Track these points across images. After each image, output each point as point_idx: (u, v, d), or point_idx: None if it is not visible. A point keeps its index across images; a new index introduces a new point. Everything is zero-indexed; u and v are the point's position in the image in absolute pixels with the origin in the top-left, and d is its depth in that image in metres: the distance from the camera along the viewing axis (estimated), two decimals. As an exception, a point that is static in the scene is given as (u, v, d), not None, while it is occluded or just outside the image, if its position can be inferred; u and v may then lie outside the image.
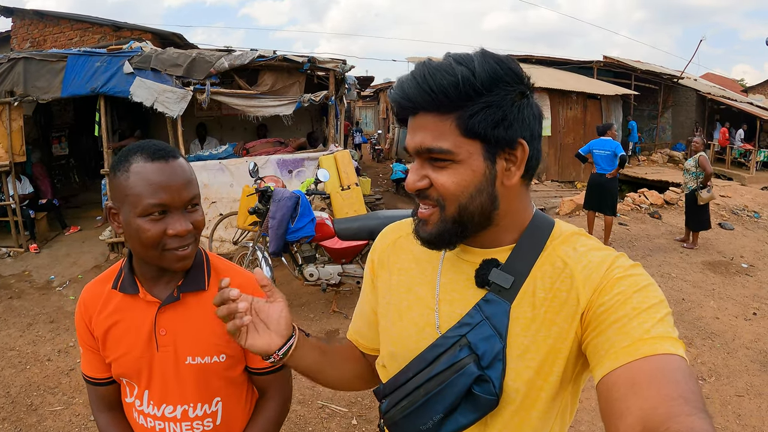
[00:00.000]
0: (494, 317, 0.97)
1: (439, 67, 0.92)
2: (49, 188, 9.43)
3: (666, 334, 0.83)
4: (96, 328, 1.39)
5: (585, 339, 0.92)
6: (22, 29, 11.79)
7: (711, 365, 4.60)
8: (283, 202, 5.09)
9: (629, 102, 17.72)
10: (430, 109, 0.93)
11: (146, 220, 1.22)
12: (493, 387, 0.93)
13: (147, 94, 7.25)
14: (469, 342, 0.97)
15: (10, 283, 7.09)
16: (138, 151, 1.25)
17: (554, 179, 15.21)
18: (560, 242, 1.02)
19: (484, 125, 0.91)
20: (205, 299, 1.38)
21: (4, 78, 7.69)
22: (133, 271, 1.38)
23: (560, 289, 0.96)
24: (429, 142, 0.94)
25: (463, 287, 1.05)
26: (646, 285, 0.91)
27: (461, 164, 0.94)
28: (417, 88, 0.92)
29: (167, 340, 1.36)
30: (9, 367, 4.68)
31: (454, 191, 0.95)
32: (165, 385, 1.38)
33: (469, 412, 0.95)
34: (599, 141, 8.21)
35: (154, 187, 1.20)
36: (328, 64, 8.08)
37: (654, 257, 7.87)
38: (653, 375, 0.78)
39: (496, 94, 0.91)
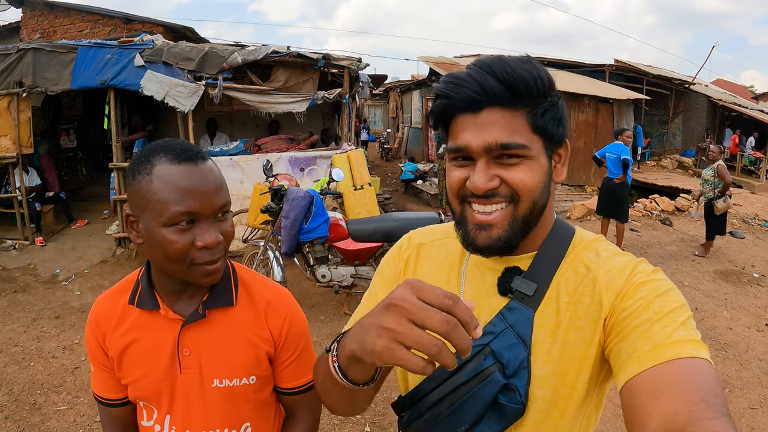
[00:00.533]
0: (518, 325, 0.97)
1: (515, 62, 0.92)
2: (56, 181, 9.35)
3: (688, 338, 0.83)
4: (111, 347, 1.25)
5: (608, 345, 0.92)
6: (32, 20, 11.71)
7: (724, 376, 4.54)
8: (297, 202, 4.99)
9: (640, 107, 17.58)
10: (503, 103, 0.92)
11: (172, 230, 1.08)
12: (519, 396, 0.92)
13: (158, 88, 7.16)
14: (493, 350, 0.96)
15: (15, 276, 7.01)
16: (161, 151, 1.11)
17: (564, 182, 15.08)
18: (582, 248, 1.02)
19: (552, 123, 0.94)
20: (233, 316, 1.27)
21: (13, 69, 7.63)
22: (152, 284, 1.25)
23: (583, 293, 0.96)
24: (504, 138, 0.91)
25: (487, 295, 1.04)
26: (668, 289, 0.91)
27: (533, 160, 0.94)
28: (495, 80, 0.90)
29: (192, 361, 1.23)
30: (12, 364, 4.60)
31: (532, 187, 0.94)
32: (189, 410, 1.26)
33: (495, 423, 0.93)
34: (612, 145, 8.19)
35: (182, 193, 1.07)
36: (342, 62, 7.99)
37: (666, 265, 7.76)
38: (675, 379, 0.77)
39: (555, 95, 0.96)
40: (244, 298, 1.30)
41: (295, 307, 1.37)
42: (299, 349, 1.35)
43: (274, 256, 5.27)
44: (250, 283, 1.33)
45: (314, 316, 5.60)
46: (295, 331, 1.34)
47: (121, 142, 7.79)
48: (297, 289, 6.27)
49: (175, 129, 7.71)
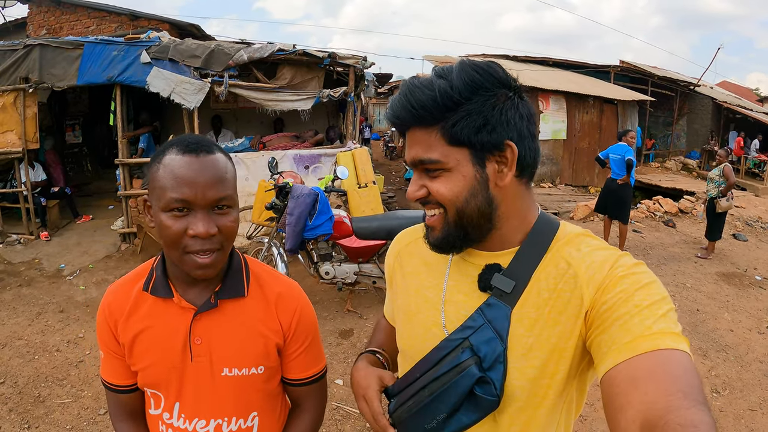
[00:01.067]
0: (495, 321, 1.01)
1: (420, 84, 0.99)
2: (61, 176, 9.38)
3: (667, 330, 0.85)
4: (122, 334, 1.28)
5: (589, 337, 0.94)
6: (38, 16, 11.73)
7: (725, 378, 4.54)
8: (302, 199, 5.01)
9: (645, 108, 17.56)
10: (416, 124, 1.01)
11: (168, 215, 1.13)
12: (494, 388, 0.97)
13: (164, 85, 7.17)
14: (472, 344, 1.01)
15: (20, 270, 7.04)
16: (175, 143, 1.17)
17: (568, 183, 15.07)
18: (564, 243, 1.04)
19: (467, 132, 0.97)
20: (244, 307, 1.30)
21: (19, 64, 7.65)
22: (166, 273, 1.28)
23: (563, 289, 0.99)
24: (420, 154, 1.01)
25: (469, 289, 1.09)
26: (649, 282, 0.93)
27: (452, 171, 1.00)
28: (401, 106, 1.01)
29: (202, 349, 1.26)
30: (17, 357, 4.63)
31: (449, 197, 1.01)
32: (198, 398, 1.28)
33: (471, 412, 0.99)
34: (616, 146, 8.16)
35: (178, 180, 1.12)
36: (348, 60, 7.98)
37: (669, 266, 7.78)
38: (653, 370, 0.80)
39: (476, 102, 0.96)
40: (255, 290, 1.33)
41: (305, 300, 1.40)
42: (307, 342, 1.38)
43: (278, 253, 5.29)
44: (262, 276, 1.36)
45: (317, 312, 5.47)
46: (304, 323, 1.36)
47: (127, 137, 7.81)
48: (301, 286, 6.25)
49: (181, 126, 7.73)
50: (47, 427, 3.65)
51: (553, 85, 14.70)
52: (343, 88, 7.95)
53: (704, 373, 4.56)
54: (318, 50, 7.80)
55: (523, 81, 8.12)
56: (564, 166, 15.14)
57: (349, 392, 4.07)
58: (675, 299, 6.34)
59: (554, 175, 15.00)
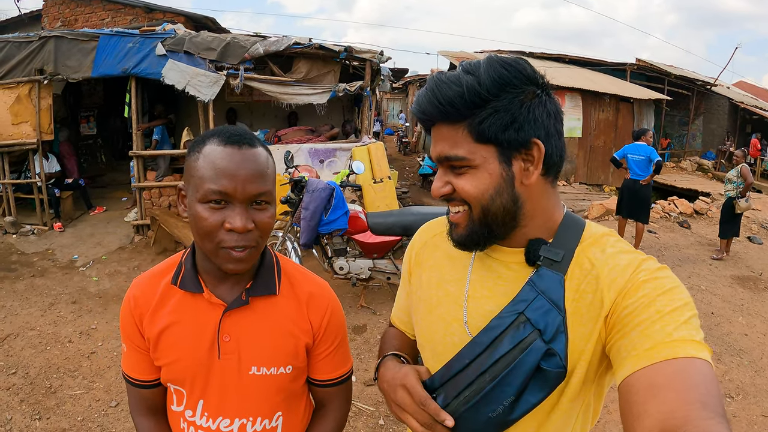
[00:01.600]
0: (549, 290, 0.98)
1: (447, 79, 0.97)
2: (75, 167, 9.40)
3: (689, 337, 0.83)
4: (148, 328, 1.24)
5: (609, 341, 0.93)
6: (53, 8, 11.76)
7: (739, 383, 4.45)
8: (317, 194, 4.97)
9: (661, 107, 17.40)
10: (443, 120, 0.99)
11: (205, 207, 1.09)
12: (561, 359, 0.93)
13: (179, 77, 7.16)
14: (528, 318, 0.96)
15: (33, 261, 7.06)
16: (216, 134, 1.14)
17: (582, 181, 14.95)
18: (589, 244, 1.02)
19: (494, 130, 0.95)
20: (275, 305, 1.27)
21: (34, 56, 7.67)
22: (196, 268, 1.24)
23: (586, 290, 0.97)
24: (447, 151, 1.00)
25: (493, 285, 1.07)
26: (672, 288, 0.91)
27: (478, 169, 0.98)
28: (428, 101, 0.99)
29: (231, 347, 1.23)
30: (29, 348, 4.63)
31: (474, 194, 0.99)
32: (223, 396, 1.25)
33: (539, 390, 0.94)
34: (634, 146, 8.00)
35: (218, 172, 1.08)
36: (364, 54, 7.94)
37: (683, 268, 7.66)
38: (672, 378, 0.78)
39: (504, 99, 0.95)
40: (286, 289, 1.30)
41: (335, 300, 1.37)
42: (336, 342, 1.36)
43: (292, 247, 5.26)
44: (293, 275, 1.34)
45: (331, 308, 5.58)
46: (334, 324, 1.34)
47: (141, 129, 7.82)
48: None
49: (195, 118, 7.73)
50: (58, 419, 3.64)
51: (569, 83, 14.59)
52: (359, 83, 7.91)
53: (718, 378, 4.45)
54: (334, 44, 7.76)
55: (542, 77, 7.94)
56: (579, 164, 15.03)
57: (362, 389, 4.05)
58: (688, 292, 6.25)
59: (569, 174, 14.89)
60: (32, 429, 3.53)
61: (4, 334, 4.86)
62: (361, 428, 3.62)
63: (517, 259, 1.06)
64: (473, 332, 1.05)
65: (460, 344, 1.05)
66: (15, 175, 8.39)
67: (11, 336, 4.82)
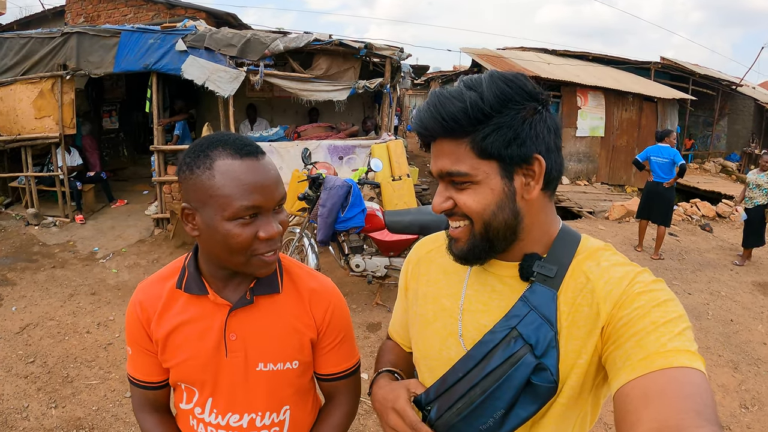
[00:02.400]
0: (541, 306, 1.00)
1: (450, 95, 0.97)
2: (97, 161, 9.52)
3: (683, 348, 0.84)
4: (156, 331, 1.27)
5: (605, 352, 0.94)
6: (76, 4, 11.86)
7: (755, 393, 4.34)
8: (334, 191, 4.97)
9: (685, 107, 17.13)
10: (445, 136, 0.99)
11: (236, 224, 1.10)
12: (551, 374, 0.95)
13: (199, 73, 7.21)
14: (521, 333, 0.98)
15: (54, 252, 7.16)
16: (220, 145, 1.12)
17: (604, 182, 14.77)
18: (585, 257, 1.04)
19: (497, 146, 0.96)
20: (278, 303, 1.31)
21: (57, 51, 7.80)
22: (199, 271, 1.27)
23: (581, 303, 0.99)
24: (448, 167, 1.00)
25: (488, 298, 1.09)
26: (666, 300, 0.92)
27: (480, 184, 0.99)
28: (430, 117, 0.99)
29: (237, 345, 1.26)
30: (48, 337, 4.71)
31: (477, 210, 1.00)
32: (232, 393, 1.29)
33: (529, 404, 0.96)
34: (657, 148, 7.85)
35: (248, 188, 1.09)
36: (384, 51, 7.91)
37: (704, 273, 7.54)
38: (666, 388, 0.79)
39: (506, 115, 0.95)
40: (289, 286, 1.33)
41: (338, 296, 1.41)
42: (340, 337, 1.40)
43: (309, 244, 5.27)
44: (295, 272, 1.37)
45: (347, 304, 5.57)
46: (337, 318, 1.38)
47: (162, 124, 7.89)
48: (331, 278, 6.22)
49: (216, 114, 7.77)
50: (73, 407, 3.69)
51: (593, 81, 14.43)
52: (379, 80, 7.89)
53: (734, 387, 4.38)
54: (354, 41, 7.75)
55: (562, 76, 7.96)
56: (601, 163, 14.86)
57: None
58: (708, 307, 6.14)
59: (590, 173, 14.74)
60: (48, 417, 3.58)
61: (24, 323, 4.94)
62: (371, 426, 3.62)
63: (512, 273, 1.08)
64: (468, 346, 1.08)
65: (455, 358, 1.07)
66: (38, 168, 8.53)
67: (31, 326, 4.90)
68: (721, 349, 5.06)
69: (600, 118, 14.61)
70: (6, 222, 8.27)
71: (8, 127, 8.21)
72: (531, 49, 18.84)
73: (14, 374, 4.07)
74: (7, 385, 3.92)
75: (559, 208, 11.94)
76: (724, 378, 4.50)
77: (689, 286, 6.86)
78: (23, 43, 7.99)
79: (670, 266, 7.69)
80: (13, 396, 3.78)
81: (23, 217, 8.30)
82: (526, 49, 18.72)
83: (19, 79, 8.02)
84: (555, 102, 14.29)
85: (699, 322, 5.68)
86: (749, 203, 7.97)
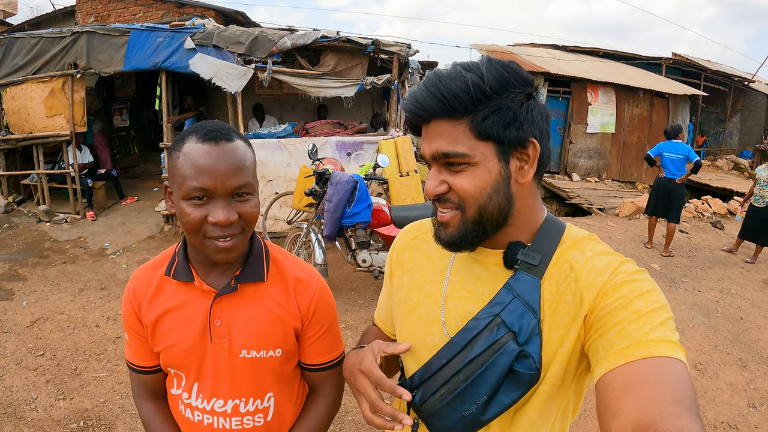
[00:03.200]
0: (525, 294, 1.00)
1: (449, 75, 0.97)
2: (108, 158, 9.61)
3: (665, 338, 0.85)
4: (146, 316, 1.32)
5: (587, 341, 0.95)
6: (86, 4, 11.96)
7: (764, 392, 4.29)
8: (340, 186, 4.99)
9: (697, 103, 17.00)
10: (443, 115, 0.98)
11: (188, 203, 1.15)
12: (534, 362, 0.96)
13: (207, 68, 7.25)
14: (504, 320, 0.99)
15: (66, 248, 7.23)
16: (194, 131, 1.18)
17: (615, 178, 14.69)
18: (569, 246, 1.05)
19: (497, 127, 0.96)
20: (263, 291, 1.33)
21: (67, 51, 7.87)
22: (188, 258, 1.32)
23: (565, 292, 0.99)
24: (445, 147, 0.98)
25: (473, 285, 1.10)
26: (649, 290, 0.92)
27: (477, 166, 0.98)
28: (430, 96, 0.97)
29: (222, 331, 1.29)
30: (57, 331, 4.76)
31: (473, 193, 0.99)
32: (216, 379, 1.32)
33: (512, 391, 0.97)
34: (669, 144, 7.76)
35: (198, 169, 1.13)
36: (392, 48, 7.91)
37: (714, 270, 7.47)
38: (647, 377, 0.80)
39: (505, 97, 0.96)
40: (274, 275, 1.36)
41: (323, 285, 1.42)
42: (325, 327, 1.42)
43: (316, 239, 5.28)
44: (281, 261, 1.39)
45: (353, 300, 5.61)
46: (322, 308, 1.40)
47: (171, 121, 7.94)
48: (338, 273, 6.31)
49: (225, 111, 7.81)
50: (81, 399, 3.74)
51: (603, 77, 14.37)
52: (386, 76, 7.89)
53: (742, 386, 4.33)
54: (362, 37, 7.75)
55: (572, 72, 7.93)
56: (612, 160, 14.79)
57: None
58: (718, 305, 6.09)
59: (601, 170, 14.68)
60: (56, 408, 3.63)
61: (35, 317, 5.00)
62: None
63: (496, 261, 1.08)
64: (451, 333, 1.08)
65: (439, 345, 1.08)
66: (49, 166, 8.61)
67: (41, 320, 4.96)
68: (730, 347, 5.02)
69: (611, 114, 14.55)
70: (18, 219, 8.36)
71: (20, 125, 8.30)
72: (541, 45, 18.76)
73: (24, 367, 4.12)
74: (17, 377, 3.97)
75: (569, 204, 11.89)
76: (732, 376, 4.46)
77: (699, 284, 6.81)
78: (34, 42, 8.07)
79: (680, 263, 7.64)
80: (22, 388, 3.84)
81: (35, 214, 8.39)
82: (536, 46, 18.64)
83: (30, 78, 8.09)
84: (565, 98, 14.24)
85: (708, 319, 5.64)
86: (760, 202, 7.83)
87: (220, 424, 1.33)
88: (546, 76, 13.68)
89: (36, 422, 3.47)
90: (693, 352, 4.83)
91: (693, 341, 5.03)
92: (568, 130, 14.36)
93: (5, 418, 3.49)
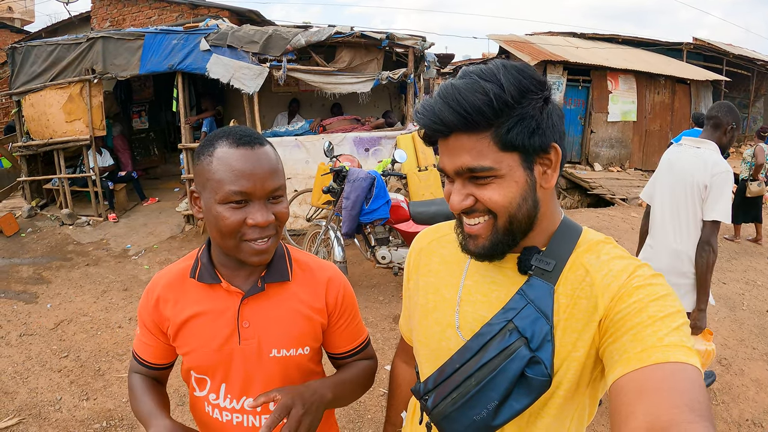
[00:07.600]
0: (538, 300, 1.00)
1: (468, 87, 0.93)
2: (128, 161, 9.71)
3: (680, 343, 0.83)
4: (170, 318, 1.33)
5: (602, 345, 0.94)
6: (101, 9, 12.09)
7: None
8: (357, 183, 4.97)
9: (719, 89, 16.69)
10: (465, 130, 0.95)
11: (226, 207, 1.17)
12: (545, 368, 0.95)
13: (223, 71, 7.27)
14: (516, 326, 0.99)
15: (88, 250, 7.32)
16: (224, 136, 1.20)
17: (637, 167, 14.46)
18: (584, 250, 1.04)
19: (522, 137, 0.94)
20: (289, 290, 1.36)
21: (84, 56, 7.99)
22: (212, 261, 1.33)
23: (580, 296, 0.99)
24: (470, 162, 0.96)
25: (488, 290, 1.09)
26: (664, 295, 0.91)
27: (504, 178, 0.96)
28: (449, 110, 0.93)
29: (250, 332, 1.31)
30: (81, 332, 4.83)
31: (503, 204, 0.97)
32: (246, 379, 1.33)
33: (523, 396, 0.96)
34: (695, 132, 7.59)
35: (237, 173, 1.15)
36: (407, 41, 7.86)
37: (739, 261, 7.29)
38: (661, 382, 0.79)
39: (526, 105, 0.93)
40: (298, 274, 1.39)
41: (346, 280, 1.48)
42: (351, 315, 1.47)
43: (335, 236, 5.27)
44: (303, 261, 1.44)
45: (373, 296, 5.59)
46: (348, 300, 1.45)
47: (189, 122, 7.99)
48: (357, 270, 6.29)
49: (243, 110, 7.83)
50: (104, 399, 3.78)
51: (623, 64, 14.14)
52: (402, 70, 7.84)
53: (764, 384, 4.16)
54: (376, 32, 7.72)
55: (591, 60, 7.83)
56: (634, 149, 14.56)
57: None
58: (744, 298, 5.92)
59: (623, 159, 14.46)
60: (80, 408, 3.68)
61: (59, 319, 5.07)
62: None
63: (512, 264, 1.08)
64: (466, 337, 1.08)
65: (454, 349, 1.08)
66: (71, 170, 8.74)
67: (65, 322, 5.03)
68: (756, 341, 4.85)
69: (632, 102, 14.33)
70: (41, 223, 8.48)
71: (40, 131, 8.43)
72: (559, 33, 18.55)
73: (48, 368, 4.17)
74: (42, 378, 4.03)
75: (591, 195, 11.76)
76: (758, 372, 4.29)
77: (724, 275, 6.64)
78: (51, 50, 8.21)
79: (704, 253, 7.46)
80: (47, 389, 3.89)
81: (58, 218, 8.50)
82: (554, 34, 18.43)
83: (48, 84, 8.22)
84: (585, 87, 14.06)
85: (734, 312, 5.48)
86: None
87: (249, 422, 1.35)
88: (565, 65, 13.51)
89: (60, 423, 3.51)
90: (718, 347, 4.67)
91: (718, 336, 4.89)
92: (588, 119, 14.15)
93: (30, 419, 3.53)
